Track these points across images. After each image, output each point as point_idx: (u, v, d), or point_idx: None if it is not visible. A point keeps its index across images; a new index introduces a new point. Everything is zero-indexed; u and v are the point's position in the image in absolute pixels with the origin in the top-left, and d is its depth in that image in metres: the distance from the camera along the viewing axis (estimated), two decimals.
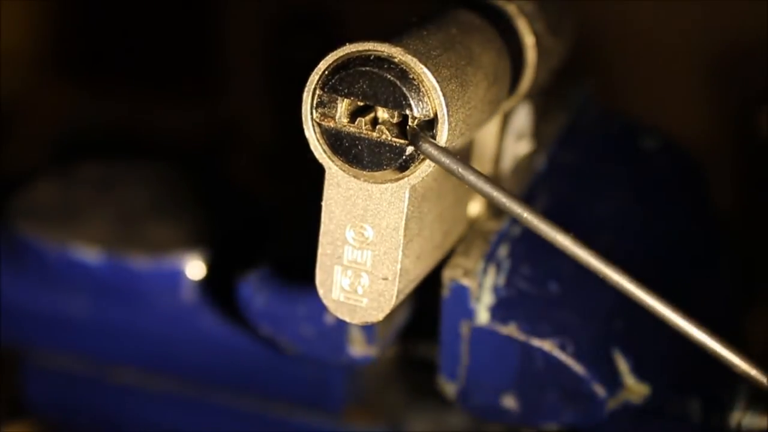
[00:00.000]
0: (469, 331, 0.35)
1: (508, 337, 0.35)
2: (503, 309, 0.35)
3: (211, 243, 0.44)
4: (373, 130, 0.28)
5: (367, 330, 0.37)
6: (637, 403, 0.36)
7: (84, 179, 0.50)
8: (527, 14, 0.35)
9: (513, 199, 0.27)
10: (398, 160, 0.28)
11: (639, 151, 0.46)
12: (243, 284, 0.39)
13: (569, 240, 0.27)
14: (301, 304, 0.38)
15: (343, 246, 0.30)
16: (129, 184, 0.49)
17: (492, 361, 0.35)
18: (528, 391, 0.35)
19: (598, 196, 0.42)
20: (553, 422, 0.36)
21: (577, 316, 0.36)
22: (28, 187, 0.49)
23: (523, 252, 0.36)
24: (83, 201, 0.47)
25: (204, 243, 0.44)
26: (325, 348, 0.38)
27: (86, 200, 0.48)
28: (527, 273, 0.36)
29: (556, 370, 0.35)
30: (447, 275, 0.35)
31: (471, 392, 0.36)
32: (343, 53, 0.28)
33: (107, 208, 0.47)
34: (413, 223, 0.30)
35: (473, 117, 0.30)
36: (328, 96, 0.28)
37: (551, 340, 0.34)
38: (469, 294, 0.34)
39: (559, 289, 0.36)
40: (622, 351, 0.36)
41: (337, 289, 0.30)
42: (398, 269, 0.29)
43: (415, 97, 0.27)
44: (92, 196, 0.48)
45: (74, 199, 0.48)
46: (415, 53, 0.27)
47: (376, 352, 0.38)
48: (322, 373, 0.43)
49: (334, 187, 0.29)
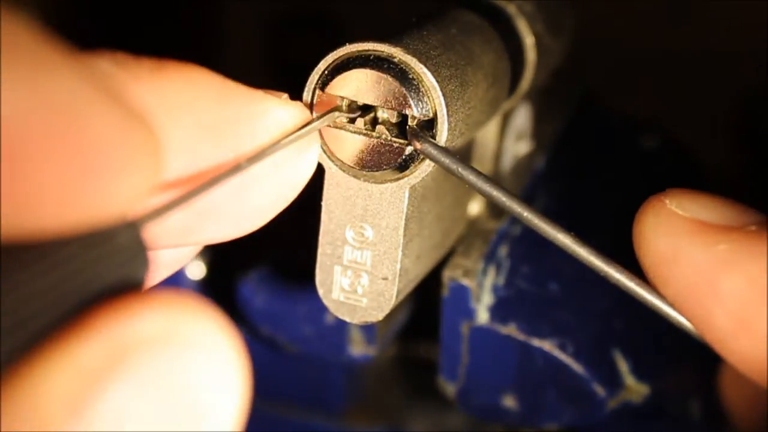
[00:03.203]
0: (468, 331, 0.35)
1: (507, 337, 0.35)
2: (503, 309, 0.35)
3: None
4: (372, 130, 0.28)
5: (367, 330, 0.37)
6: (637, 403, 0.36)
7: None
8: (527, 14, 0.35)
9: (513, 199, 0.27)
10: (398, 160, 0.28)
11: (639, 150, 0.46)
12: (243, 284, 0.39)
13: (569, 239, 0.27)
14: (301, 304, 0.38)
15: (343, 246, 0.29)
16: None
17: (492, 361, 0.35)
18: (528, 391, 0.35)
19: (598, 196, 0.42)
20: (553, 422, 0.36)
21: (576, 316, 0.36)
22: None
23: (523, 252, 0.36)
24: None
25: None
26: (325, 348, 0.38)
27: None
28: (527, 273, 0.36)
29: (555, 370, 0.35)
30: (447, 275, 0.35)
31: (471, 392, 0.36)
32: (343, 53, 0.28)
33: None
34: (413, 223, 0.30)
35: (473, 117, 0.30)
36: (327, 96, 0.28)
37: (551, 340, 0.34)
38: (469, 294, 0.34)
39: (559, 289, 0.36)
40: (621, 351, 0.36)
41: (337, 289, 0.30)
42: (398, 269, 0.29)
43: (414, 97, 0.27)
44: None
45: None
46: (414, 53, 0.27)
47: (375, 352, 0.38)
48: (323, 373, 0.43)
49: (333, 187, 0.29)
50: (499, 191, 0.28)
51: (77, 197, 0.17)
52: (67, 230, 0.17)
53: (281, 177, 0.26)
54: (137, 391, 0.17)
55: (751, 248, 0.25)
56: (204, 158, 0.24)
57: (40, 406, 0.16)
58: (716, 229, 0.26)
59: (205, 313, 0.18)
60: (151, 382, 0.17)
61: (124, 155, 0.18)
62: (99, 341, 0.17)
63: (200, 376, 0.18)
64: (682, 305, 0.26)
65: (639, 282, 0.27)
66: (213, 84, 0.24)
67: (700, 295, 0.25)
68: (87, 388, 0.17)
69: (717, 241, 0.25)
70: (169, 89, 0.23)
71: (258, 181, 0.26)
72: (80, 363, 0.17)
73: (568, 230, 0.27)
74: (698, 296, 0.25)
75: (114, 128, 0.18)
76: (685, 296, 0.26)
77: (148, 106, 0.20)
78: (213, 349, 0.18)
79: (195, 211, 0.24)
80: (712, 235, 0.26)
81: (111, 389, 0.17)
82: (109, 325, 0.17)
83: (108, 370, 0.17)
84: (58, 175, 0.17)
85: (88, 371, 0.17)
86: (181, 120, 0.23)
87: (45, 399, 0.16)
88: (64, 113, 0.17)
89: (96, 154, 0.17)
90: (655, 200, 0.27)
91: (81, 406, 0.16)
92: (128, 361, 0.17)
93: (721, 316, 0.25)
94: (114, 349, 0.17)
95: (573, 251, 0.27)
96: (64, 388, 0.16)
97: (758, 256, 0.25)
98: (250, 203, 0.26)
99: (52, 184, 0.17)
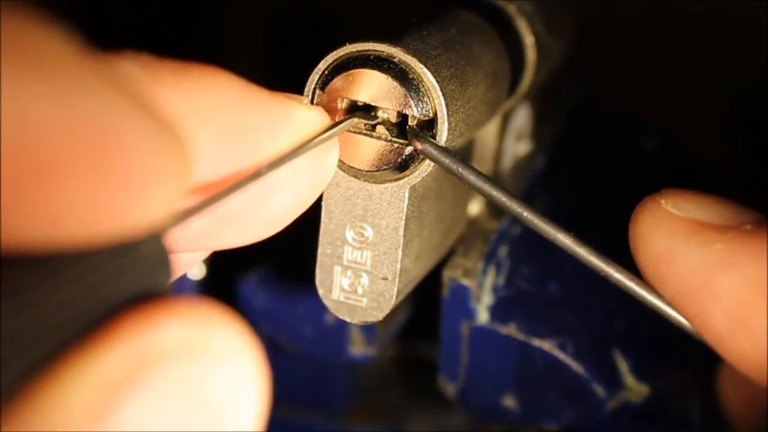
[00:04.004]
0: (468, 331, 0.35)
1: (507, 336, 0.35)
2: (503, 309, 0.35)
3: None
4: (372, 130, 0.28)
5: (367, 330, 0.37)
6: (636, 403, 0.36)
7: None
8: (527, 14, 0.35)
9: (513, 199, 0.27)
10: (398, 160, 0.28)
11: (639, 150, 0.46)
12: (243, 284, 0.39)
13: (569, 239, 0.27)
14: (301, 304, 0.38)
15: (343, 246, 0.29)
16: None
17: (492, 361, 0.35)
18: (528, 391, 0.35)
19: (598, 196, 0.42)
20: (552, 422, 0.36)
21: (576, 316, 0.36)
22: None
23: (523, 252, 0.36)
24: None
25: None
26: (325, 348, 0.38)
27: None
28: (527, 273, 0.36)
29: (555, 370, 0.35)
30: (447, 275, 0.34)
31: (471, 392, 0.36)
32: (343, 53, 0.28)
33: None
34: (413, 223, 0.30)
35: (473, 117, 0.30)
36: (327, 96, 0.28)
37: (551, 340, 0.34)
38: (469, 294, 0.34)
39: (559, 289, 0.36)
40: (621, 351, 0.36)
41: (337, 288, 0.30)
42: (398, 269, 0.29)
43: (414, 97, 0.27)
44: None
45: None
46: (415, 53, 0.27)
47: (375, 352, 0.38)
48: (323, 373, 0.43)
49: (333, 186, 0.29)
50: (499, 191, 0.28)
51: (109, 209, 0.17)
52: (97, 241, 0.17)
53: (300, 182, 0.26)
54: (160, 401, 0.17)
55: (747, 247, 0.25)
56: (226, 164, 0.23)
57: (64, 413, 0.16)
58: (712, 229, 0.26)
59: (227, 322, 0.18)
60: (174, 392, 0.17)
61: (156, 165, 0.17)
62: (122, 350, 0.17)
63: (222, 385, 0.18)
64: (679, 305, 0.26)
65: (639, 282, 0.27)
66: (237, 88, 0.24)
67: (697, 296, 0.25)
68: (110, 396, 0.17)
69: (713, 240, 0.25)
70: (193, 93, 0.23)
71: (277, 187, 0.25)
72: (104, 372, 0.17)
73: (567, 230, 0.27)
74: (695, 296, 0.25)
75: (145, 138, 0.17)
76: (682, 296, 0.26)
77: (175, 112, 0.19)
78: (235, 359, 0.18)
79: (213, 217, 0.23)
80: (708, 234, 0.26)
81: (134, 398, 0.17)
82: (132, 334, 0.17)
83: (131, 380, 0.17)
84: (91, 189, 0.16)
85: (112, 380, 0.17)
86: (205, 125, 0.23)
87: (68, 406, 0.16)
88: (96, 125, 0.16)
89: (128, 165, 0.17)
90: (650, 201, 0.27)
91: (104, 414, 0.16)
92: (151, 371, 0.17)
93: (718, 315, 0.25)
94: (137, 359, 0.17)
95: (573, 251, 0.27)
96: (87, 396, 0.16)
97: (754, 256, 0.25)
98: (269, 209, 0.25)
99: (84, 198, 0.16)
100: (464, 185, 0.28)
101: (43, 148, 0.16)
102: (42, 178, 0.16)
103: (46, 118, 0.16)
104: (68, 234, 0.16)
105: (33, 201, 0.16)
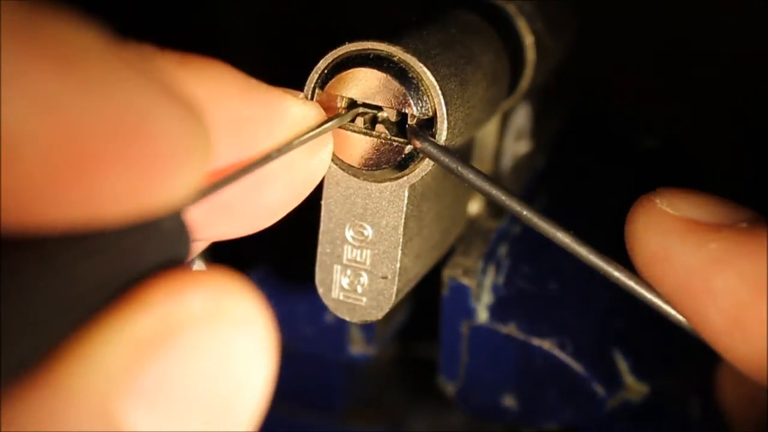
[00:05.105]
0: (468, 330, 0.35)
1: (507, 336, 0.35)
2: (503, 308, 0.35)
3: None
4: (372, 128, 0.28)
5: (367, 329, 0.37)
6: (636, 403, 0.36)
7: None
8: (527, 14, 0.35)
9: (512, 198, 0.27)
10: (397, 158, 0.28)
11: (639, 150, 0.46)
12: None
13: (569, 238, 0.27)
14: (301, 304, 0.38)
15: (343, 245, 0.29)
16: None
17: (492, 361, 0.35)
18: (527, 391, 0.35)
19: (598, 195, 0.42)
20: (552, 421, 0.36)
21: (576, 316, 0.36)
22: None
23: (523, 251, 0.36)
24: None
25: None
26: (325, 347, 0.38)
27: None
28: (527, 272, 0.36)
29: (555, 370, 0.35)
30: (447, 274, 0.34)
31: (471, 391, 0.36)
32: (343, 52, 0.28)
33: None
34: (412, 222, 0.30)
35: (472, 116, 0.30)
36: (327, 95, 0.28)
37: (551, 339, 0.34)
38: (469, 293, 0.34)
39: (559, 288, 0.36)
40: (621, 350, 0.36)
41: (337, 287, 0.30)
42: (397, 268, 0.29)
43: (414, 96, 0.27)
44: None
45: None
46: (414, 52, 0.27)
47: (375, 352, 0.38)
48: (323, 373, 0.43)
49: (333, 186, 0.29)
50: (498, 190, 0.28)
51: (143, 189, 0.18)
52: (126, 219, 0.18)
53: (294, 175, 0.26)
54: (188, 362, 0.19)
55: (742, 246, 0.25)
56: (222, 155, 0.24)
57: (101, 367, 0.17)
58: (707, 228, 0.26)
59: (245, 291, 0.20)
60: (200, 355, 0.19)
61: (184, 146, 0.19)
62: (152, 314, 0.18)
63: (242, 350, 0.20)
64: (676, 304, 0.26)
65: (638, 281, 0.27)
66: (236, 80, 0.24)
67: (694, 295, 0.25)
68: (143, 354, 0.18)
69: (708, 239, 0.25)
70: (195, 83, 0.23)
71: (271, 179, 0.26)
72: (136, 332, 0.18)
73: (567, 229, 0.27)
74: (691, 296, 0.25)
75: (175, 121, 0.18)
76: (678, 296, 0.26)
77: (197, 97, 0.20)
78: (253, 326, 0.20)
79: (208, 208, 0.24)
80: (703, 233, 0.26)
81: (164, 357, 0.18)
82: (160, 300, 0.19)
83: (162, 341, 0.18)
84: (128, 172, 0.17)
85: (144, 340, 0.18)
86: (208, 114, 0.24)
87: (105, 361, 0.18)
88: (130, 112, 0.17)
89: (160, 147, 0.18)
90: (645, 200, 0.27)
91: (137, 370, 0.18)
92: (180, 334, 0.19)
93: (715, 314, 0.25)
94: (166, 322, 0.19)
95: (573, 251, 0.27)
96: (122, 352, 0.18)
97: (749, 254, 0.25)
98: (263, 201, 0.26)
99: (121, 180, 0.17)
100: (464, 184, 0.28)
101: (86, 136, 0.17)
102: (85, 163, 0.17)
103: (86, 109, 0.17)
104: (105, 213, 0.18)
105: (78, 184, 0.17)
